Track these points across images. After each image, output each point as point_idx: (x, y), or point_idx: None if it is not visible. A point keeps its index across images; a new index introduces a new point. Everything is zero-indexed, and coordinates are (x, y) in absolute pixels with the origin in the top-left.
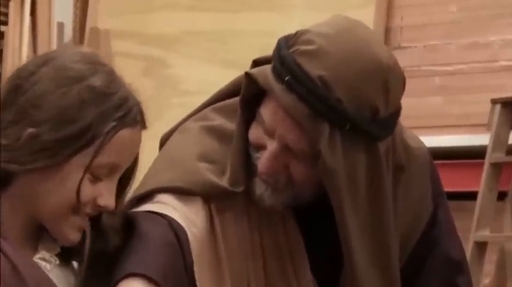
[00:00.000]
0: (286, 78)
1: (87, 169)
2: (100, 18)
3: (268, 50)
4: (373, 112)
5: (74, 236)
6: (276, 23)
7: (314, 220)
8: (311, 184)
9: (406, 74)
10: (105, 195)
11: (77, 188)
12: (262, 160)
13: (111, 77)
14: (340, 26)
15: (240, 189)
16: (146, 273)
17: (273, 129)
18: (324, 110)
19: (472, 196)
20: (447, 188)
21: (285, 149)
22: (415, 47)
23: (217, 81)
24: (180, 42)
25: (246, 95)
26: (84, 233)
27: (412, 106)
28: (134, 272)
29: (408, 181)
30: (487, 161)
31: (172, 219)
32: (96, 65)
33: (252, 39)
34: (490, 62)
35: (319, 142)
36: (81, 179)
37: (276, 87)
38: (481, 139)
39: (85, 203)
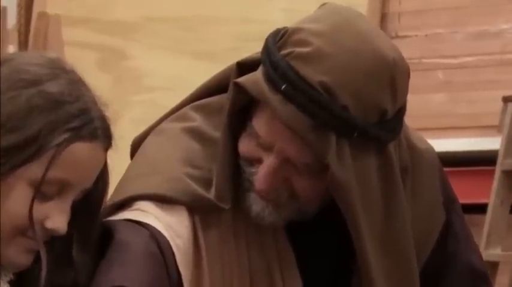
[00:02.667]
0: (283, 87)
1: (38, 185)
2: (49, 1)
3: (246, 40)
4: (381, 115)
5: (22, 260)
6: (255, 8)
7: (307, 231)
8: (317, 197)
9: None
10: (54, 217)
11: (22, 206)
12: (259, 176)
13: (74, 85)
14: (335, 21)
15: (227, 206)
16: (131, 286)
17: (270, 143)
18: (329, 119)
19: (480, 208)
20: None
21: (286, 162)
22: (415, 36)
23: (186, 76)
24: (142, 30)
25: (235, 107)
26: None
27: (412, 104)
28: (119, 285)
29: (415, 186)
30: (498, 168)
31: (154, 229)
32: (59, 70)
33: (227, 26)
34: (501, 54)
35: (326, 154)
36: (33, 197)
37: (272, 98)
38: (491, 143)
39: (31, 224)
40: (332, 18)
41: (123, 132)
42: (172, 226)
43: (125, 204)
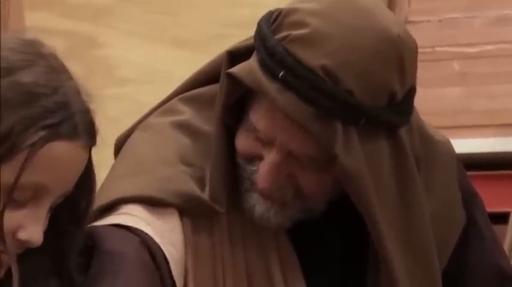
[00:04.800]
0: (281, 74)
1: (10, 190)
2: None
3: (234, 26)
4: (390, 97)
5: None
6: None
7: (310, 230)
8: (324, 193)
9: None
10: (28, 227)
11: None
12: (261, 174)
13: (51, 74)
14: None
15: (222, 209)
16: None
17: (270, 137)
18: (333, 106)
19: (501, 217)
20: None
21: (289, 157)
22: (428, 21)
23: (164, 67)
24: (114, 15)
25: (229, 100)
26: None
27: (423, 99)
28: None
29: (429, 180)
30: None
31: (145, 234)
32: (34, 56)
33: (211, 10)
34: None
35: (332, 145)
36: (4, 205)
37: (270, 87)
38: None
39: (1, 236)
40: None
41: None
42: (165, 233)
43: (110, 207)
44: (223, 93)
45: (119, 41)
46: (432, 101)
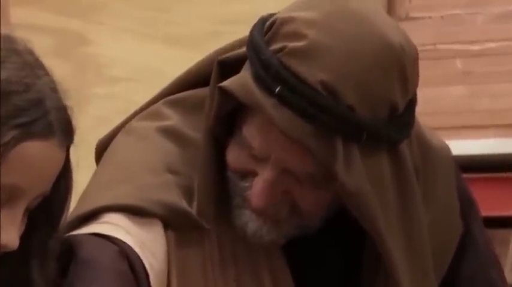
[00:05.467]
0: (277, 89)
1: None
2: None
3: (228, 23)
4: (391, 109)
5: None
6: None
7: (305, 246)
8: (321, 209)
9: None
10: (2, 230)
11: None
12: (255, 192)
13: (25, 71)
14: (329, 5)
15: (208, 225)
16: None
17: (265, 154)
18: (333, 123)
19: (506, 222)
20: None
21: (284, 173)
22: (429, 18)
23: (156, 65)
24: (105, 11)
25: (219, 114)
26: None
27: (424, 99)
28: None
29: (427, 190)
30: None
31: (125, 244)
32: (7, 52)
33: (206, 6)
34: None
35: (333, 163)
36: None
37: (265, 102)
38: None
39: None
40: (326, 2)
41: (83, 132)
42: (146, 243)
43: (91, 216)
44: (215, 107)
45: (109, 38)
46: (434, 101)
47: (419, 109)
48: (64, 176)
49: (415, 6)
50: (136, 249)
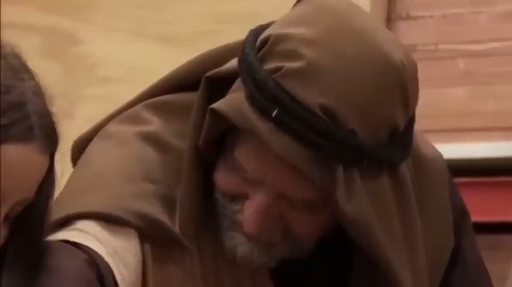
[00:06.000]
0: (274, 113)
1: None
2: None
3: (223, 21)
4: (392, 131)
5: None
6: None
7: (294, 265)
8: (317, 233)
9: (417, 55)
10: None
11: None
12: (247, 217)
13: (6, 73)
14: (328, 22)
15: (188, 244)
16: None
17: (259, 178)
18: (334, 149)
19: (509, 228)
20: (474, 218)
21: (280, 197)
22: (431, 17)
23: (148, 65)
24: (95, 9)
25: (209, 137)
26: None
27: (425, 101)
28: None
29: (421, 203)
30: None
31: (94, 252)
32: None
33: (199, 4)
34: None
35: (333, 190)
36: None
37: (262, 127)
38: None
39: None
40: (323, 17)
41: (73, 134)
42: (117, 252)
43: (64, 223)
44: (205, 129)
45: (100, 37)
46: (435, 102)
47: (419, 111)
48: (45, 184)
49: (416, 4)
50: (107, 258)
